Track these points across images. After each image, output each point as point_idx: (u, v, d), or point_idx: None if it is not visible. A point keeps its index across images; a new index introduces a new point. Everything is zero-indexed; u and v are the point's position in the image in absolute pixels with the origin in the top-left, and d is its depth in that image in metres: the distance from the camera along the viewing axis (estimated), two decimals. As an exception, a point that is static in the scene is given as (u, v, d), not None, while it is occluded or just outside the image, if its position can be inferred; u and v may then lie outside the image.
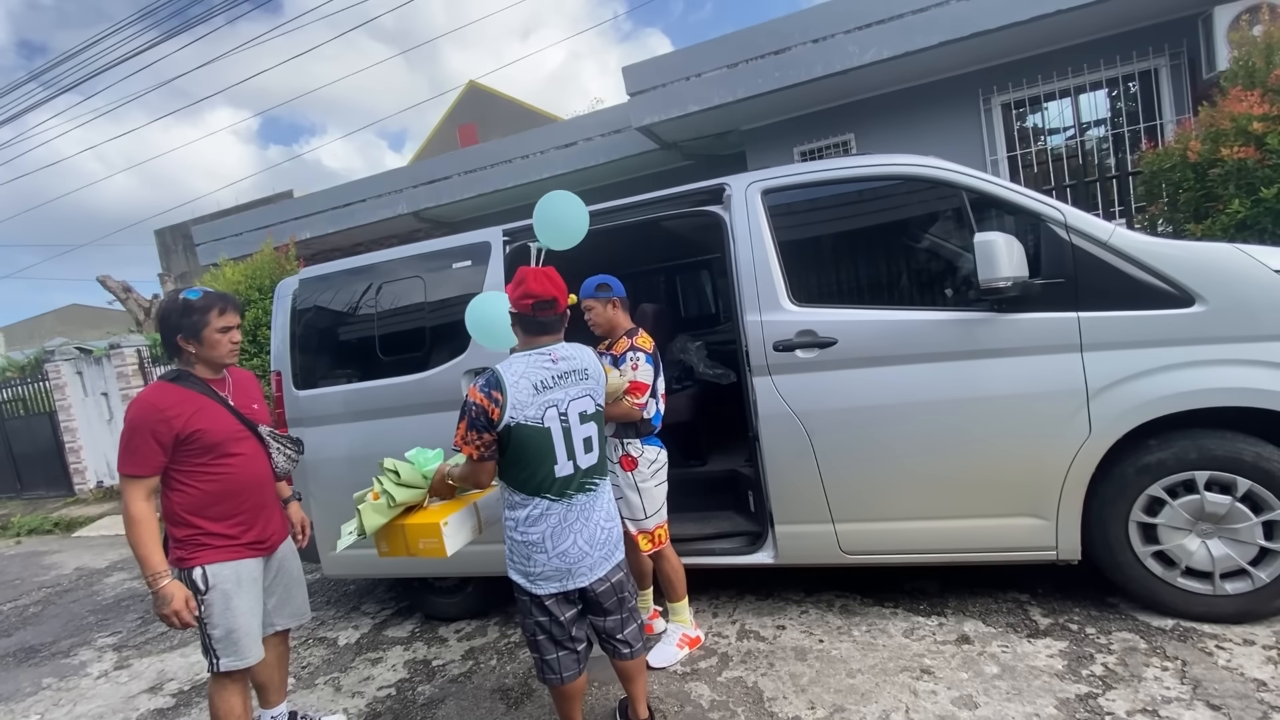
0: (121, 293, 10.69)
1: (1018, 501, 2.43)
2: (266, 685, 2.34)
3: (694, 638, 2.71)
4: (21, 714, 3.07)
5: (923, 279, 2.71)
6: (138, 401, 1.99)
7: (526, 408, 1.81)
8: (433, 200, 7.84)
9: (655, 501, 2.61)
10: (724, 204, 2.83)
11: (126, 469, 1.95)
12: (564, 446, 1.87)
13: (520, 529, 1.87)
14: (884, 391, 2.51)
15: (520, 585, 1.91)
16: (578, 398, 1.92)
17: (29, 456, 9.57)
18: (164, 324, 2.10)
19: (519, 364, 1.87)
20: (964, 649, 2.41)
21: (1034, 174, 5.69)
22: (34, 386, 9.48)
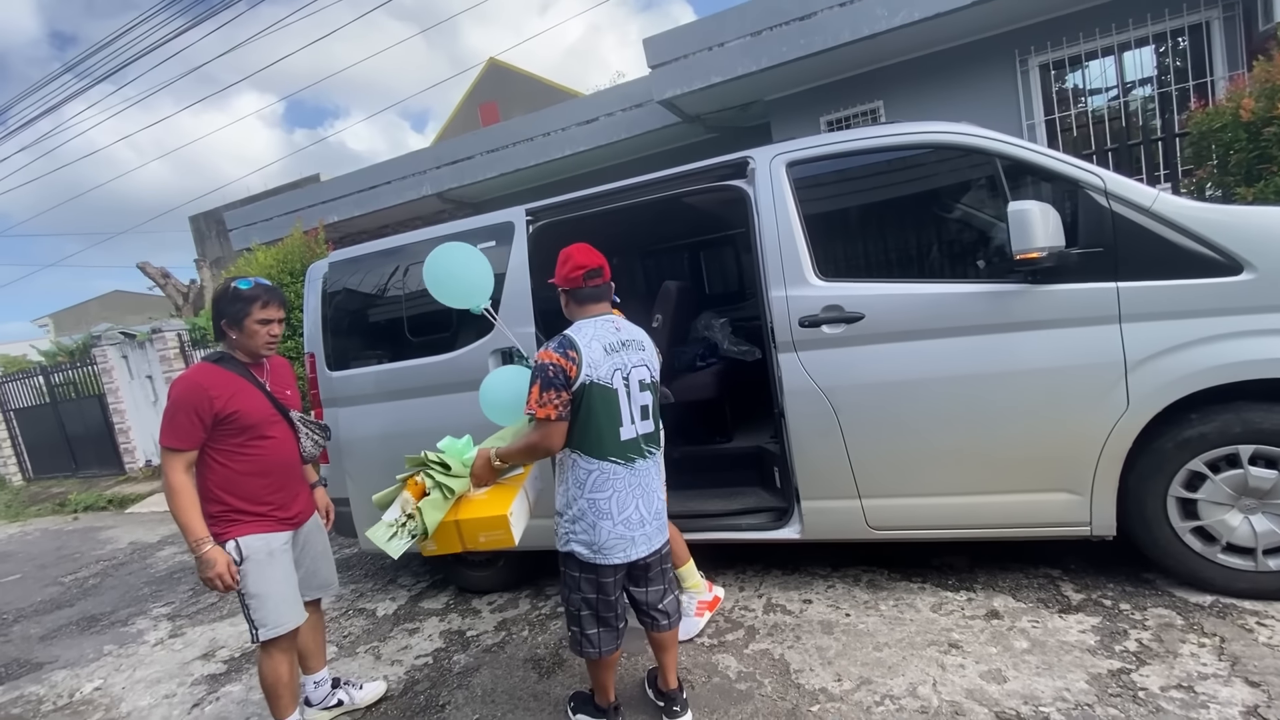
0: (160, 278, 11.03)
1: (1051, 476, 2.39)
2: (305, 653, 2.46)
3: (710, 600, 2.72)
4: (87, 678, 3.27)
5: (954, 251, 2.65)
6: (182, 379, 2.10)
7: (599, 367, 1.89)
8: (456, 181, 7.87)
9: None
10: (748, 178, 2.79)
11: (168, 442, 2.04)
12: (627, 410, 1.95)
13: (588, 494, 1.91)
14: (913, 366, 2.47)
15: (581, 557, 1.93)
16: (637, 365, 2.00)
17: (81, 437, 10.02)
18: (214, 308, 2.23)
19: (587, 328, 1.96)
20: (993, 624, 2.40)
21: (1073, 138, 5.47)
22: (83, 370, 9.89)
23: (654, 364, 2.09)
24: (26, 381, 10.85)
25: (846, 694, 2.13)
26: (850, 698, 2.11)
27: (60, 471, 10.47)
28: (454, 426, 3.11)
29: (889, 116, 5.82)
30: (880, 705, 2.05)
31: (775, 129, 6.23)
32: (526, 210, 3.18)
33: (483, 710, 2.39)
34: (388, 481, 2.35)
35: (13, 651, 3.76)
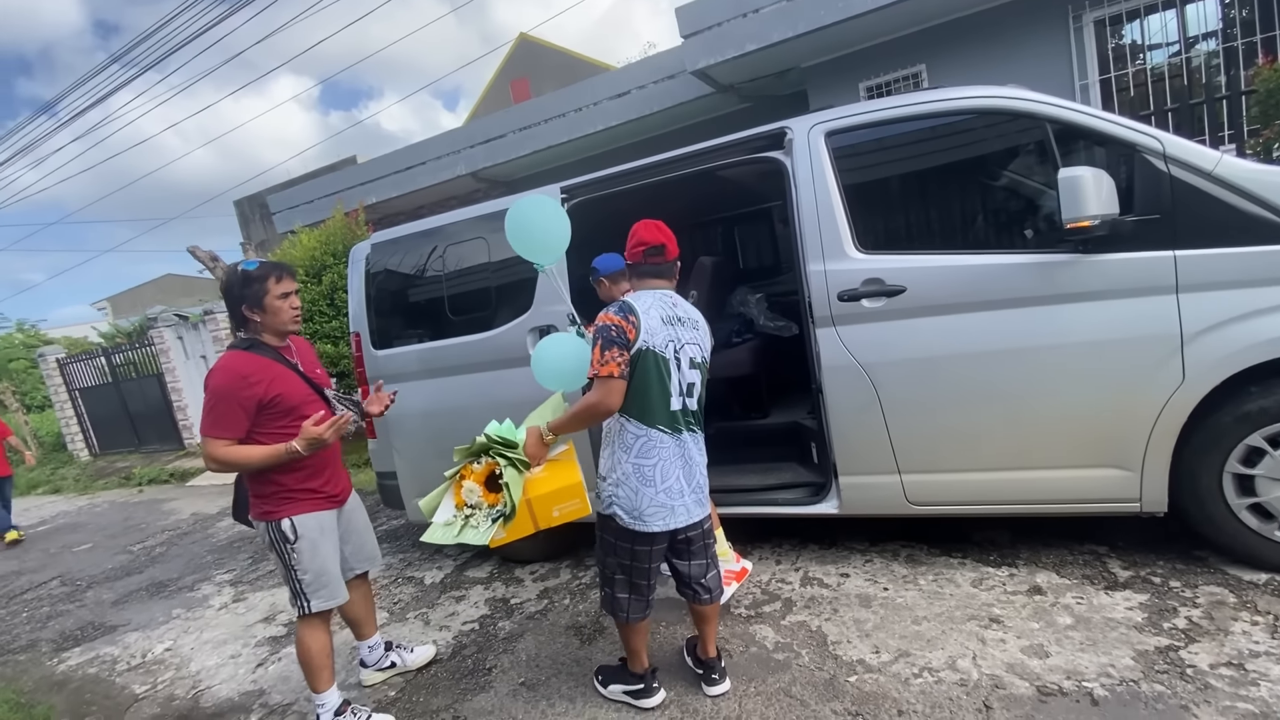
0: (209, 262, 11.40)
1: (1100, 452, 2.33)
2: (358, 621, 2.58)
3: (738, 571, 2.74)
4: (158, 639, 3.50)
5: (1000, 220, 2.57)
6: (220, 370, 2.07)
7: (655, 335, 1.94)
8: (489, 160, 7.91)
9: None
10: (785, 149, 2.74)
11: (213, 432, 2.04)
12: (677, 382, 2.00)
13: (634, 458, 1.96)
14: (957, 340, 2.43)
15: (621, 521, 1.98)
16: (690, 342, 2.04)
17: (142, 414, 10.56)
18: (228, 296, 2.19)
19: (646, 297, 2.01)
20: (1035, 600, 2.37)
21: (1130, 98, 5.19)
22: (141, 351, 10.37)
23: (706, 345, 2.11)
24: (89, 362, 11.43)
25: (884, 666, 2.15)
26: (888, 669, 2.13)
27: (124, 447, 11.06)
28: (493, 403, 3.19)
29: (932, 81, 5.61)
30: (919, 677, 2.07)
31: (812, 96, 6.07)
32: (561, 188, 3.19)
33: (527, 674, 2.48)
34: (433, 457, 2.40)
35: (88, 615, 4.04)
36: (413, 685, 2.57)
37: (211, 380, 2.07)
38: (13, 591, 4.79)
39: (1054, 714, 1.82)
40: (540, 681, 2.42)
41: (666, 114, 6.85)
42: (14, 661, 3.51)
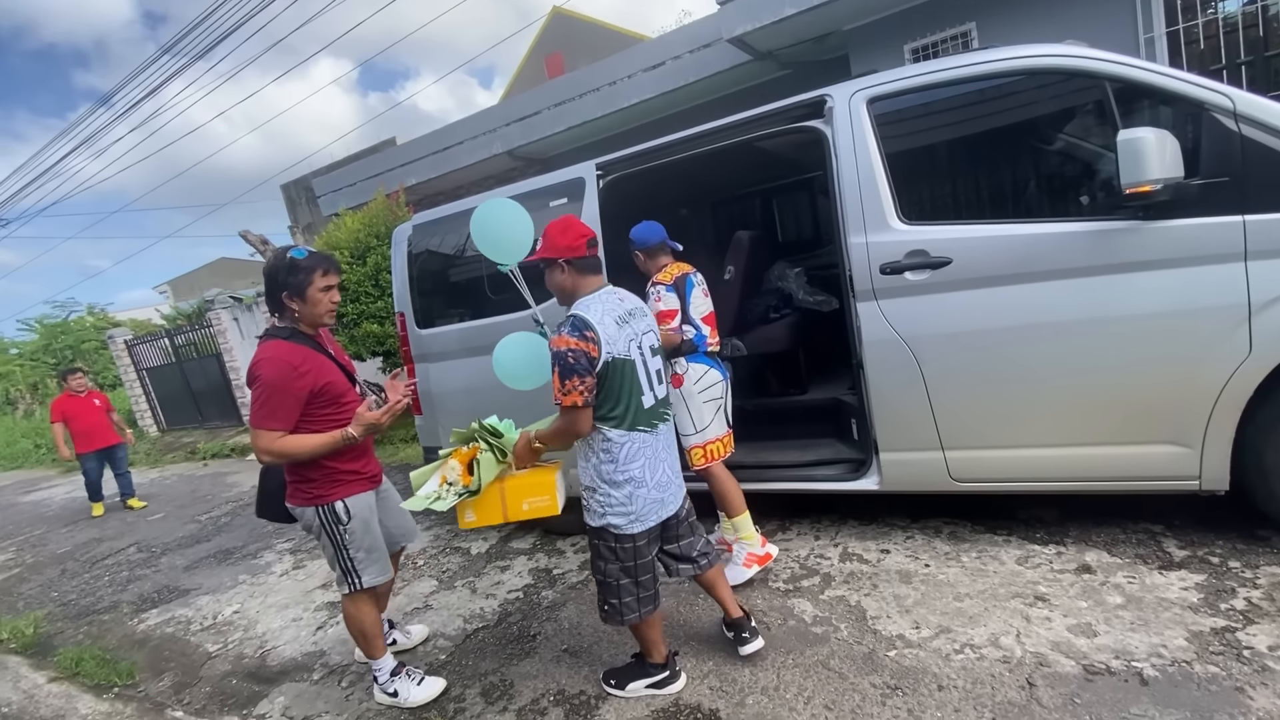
0: (260, 245, 11.81)
1: (1157, 428, 2.24)
2: (378, 596, 2.58)
3: (761, 555, 2.73)
4: (226, 603, 3.73)
5: (1054, 187, 2.46)
6: (269, 360, 2.05)
7: (615, 342, 1.89)
8: (524, 137, 7.92)
9: (703, 416, 2.70)
10: (825, 117, 2.67)
11: (269, 424, 2.02)
12: (646, 377, 1.99)
13: (620, 469, 1.94)
14: (1005, 313, 2.35)
15: (617, 529, 1.98)
16: (646, 332, 2.04)
17: (204, 392, 11.11)
18: (271, 281, 2.14)
19: (595, 305, 1.93)
20: (1084, 578, 2.32)
21: (1200, 52, 4.84)
22: (201, 333, 10.87)
23: (655, 326, 2.15)
24: (154, 344, 12.05)
25: (925, 641, 2.15)
26: (929, 645, 2.12)
27: (188, 423, 11.68)
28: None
29: (982, 40, 5.33)
30: (960, 653, 2.05)
31: (854, 61, 5.86)
32: (597, 165, 3.19)
33: (570, 641, 2.57)
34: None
35: (163, 580, 4.33)
36: (461, 650, 2.68)
37: (262, 371, 2.05)
38: (95, 557, 5.16)
39: (1100, 693, 1.79)
40: (582, 649, 2.50)
41: (703, 84, 6.71)
42: (99, 621, 3.80)
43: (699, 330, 2.73)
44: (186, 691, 2.81)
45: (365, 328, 6.62)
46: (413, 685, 2.38)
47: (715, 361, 2.78)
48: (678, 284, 2.70)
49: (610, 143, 5.85)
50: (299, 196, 12.02)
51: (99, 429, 6.36)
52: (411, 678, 2.40)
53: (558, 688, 2.29)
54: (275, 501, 2.36)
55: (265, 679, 2.78)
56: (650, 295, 2.69)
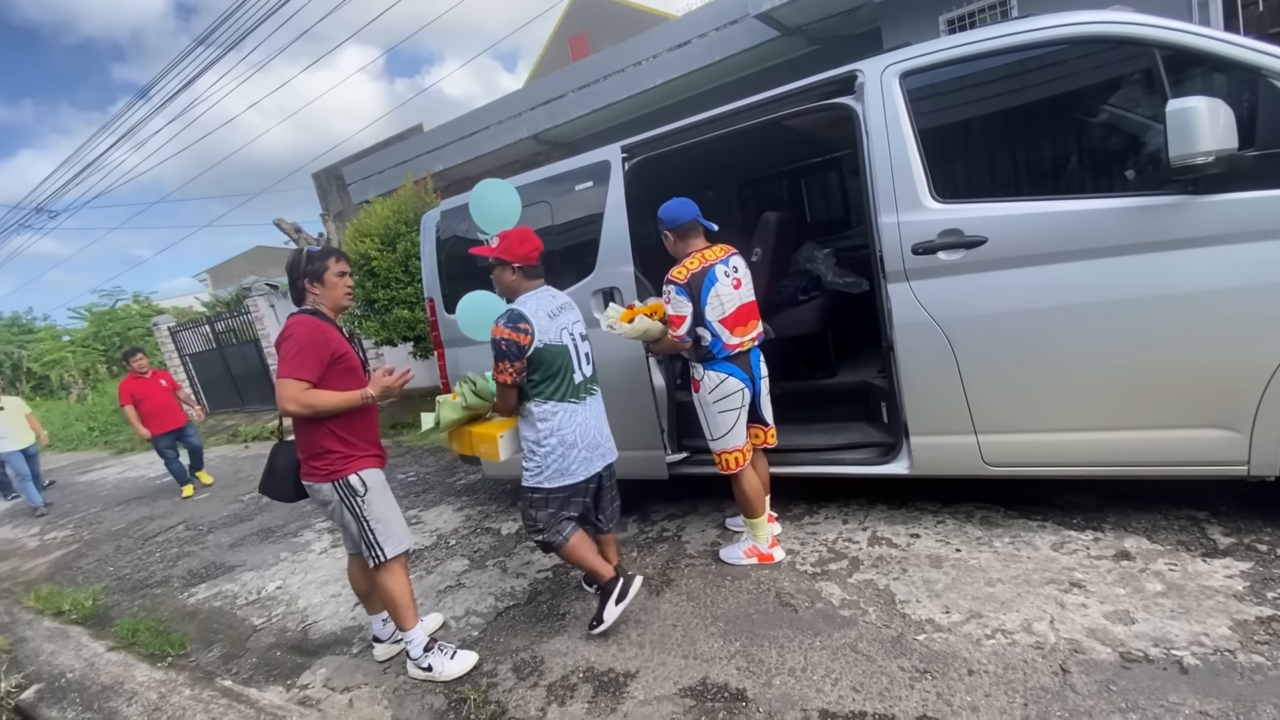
0: (293, 233, 12.06)
1: (1203, 411, 2.16)
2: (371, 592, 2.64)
3: (764, 554, 2.74)
4: (269, 578, 3.88)
5: (1097, 161, 2.36)
6: (301, 323, 2.25)
7: (548, 332, 2.31)
8: (549, 121, 7.89)
9: (720, 425, 2.62)
10: (856, 94, 2.60)
11: (297, 374, 2.17)
12: (575, 359, 2.42)
13: (557, 432, 2.35)
14: (1044, 294, 2.28)
15: (550, 485, 2.38)
16: (575, 322, 2.48)
17: (244, 376, 11.47)
18: (292, 272, 2.37)
19: (531, 301, 2.36)
20: (1122, 565, 2.26)
21: (1257, 14, 4.57)
22: (240, 319, 11.19)
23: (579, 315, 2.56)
24: (195, 330, 12.46)
25: (955, 626, 2.13)
26: (959, 629, 2.10)
27: (230, 406, 12.09)
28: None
29: (1023, 9, 5.11)
30: (991, 639, 2.03)
31: (886, 34, 5.67)
32: (622, 147, 3.16)
33: (599, 621, 2.61)
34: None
35: (210, 556, 4.52)
36: (493, 627, 2.75)
37: (294, 330, 2.23)
38: (147, 534, 5.41)
39: (1137, 680, 1.76)
40: (610, 628, 2.53)
41: (729, 62, 6.58)
42: (151, 595, 3.99)
43: (715, 336, 2.53)
44: (234, 662, 2.94)
45: (396, 313, 6.73)
46: (446, 660, 2.45)
47: (737, 367, 2.58)
48: (692, 283, 2.49)
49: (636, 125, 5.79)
50: (330, 184, 12.22)
51: (167, 410, 6.35)
52: (444, 652, 2.47)
53: (587, 665, 2.34)
54: (282, 479, 2.44)
55: (307, 651, 2.89)
56: (663, 293, 2.57)
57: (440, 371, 3.85)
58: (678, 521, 3.40)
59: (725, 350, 2.56)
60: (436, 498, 4.78)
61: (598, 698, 2.15)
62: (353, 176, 10.32)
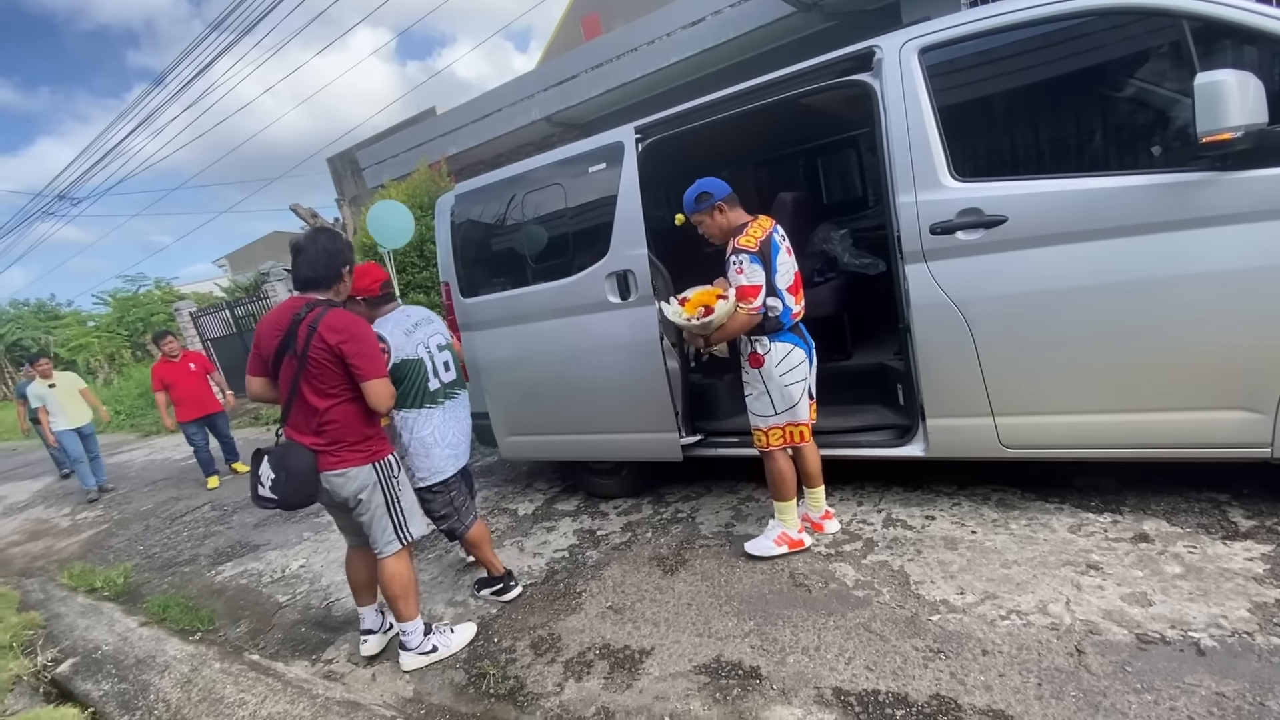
0: (310, 218, 12.14)
1: (1227, 393, 2.13)
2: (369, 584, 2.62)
3: (795, 540, 2.65)
4: (293, 557, 3.97)
5: (1122, 137, 2.31)
6: (359, 320, 2.25)
7: (404, 348, 2.58)
8: (563, 102, 7.83)
9: (788, 397, 2.51)
10: (873, 70, 2.56)
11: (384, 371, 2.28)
12: (431, 369, 2.66)
13: (415, 436, 2.61)
14: (1064, 273, 2.25)
15: (430, 482, 2.63)
16: (433, 334, 2.73)
17: (264, 361, 11.63)
18: (338, 256, 2.28)
19: (387, 323, 2.63)
20: (1141, 547, 2.25)
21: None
22: (259, 304, 11.34)
23: (444, 329, 2.83)
24: (216, 315, 12.64)
25: (969, 606, 2.13)
26: (973, 610, 2.11)
27: (251, 390, 12.28)
28: (574, 349, 3.30)
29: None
30: (1005, 619, 2.04)
31: (905, 9, 5.54)
32: (635, 128, 3.14)
33: (614, 599, 2.65)
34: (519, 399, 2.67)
35: (235, 536, 4.63)
36: (511, 605, 2.80)
37: (360, 328, 2.23)
38: (174, 515, 5.55)
39: (1153, 662, 1.76)
40: (626, 606, 2.58)
41: (744, 40, 6.47)
42: (180, 573, 4.11)
43: (785, 304, 2.48)
44: (261, 637, 3.03)
45: (412, 298, 6.78)
46: (449, 636, 2.53)
47: (798, 336, 2.56)
48: (763, 250, 2.40)
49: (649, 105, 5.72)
50: (344, 169, 12.26)
51: (198, 395, 6.10)
52: (441, 631, 2.54)
53: (603, 642, 2.38)
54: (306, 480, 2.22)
55: (331, 628, 2.97)
56: (730, 265, 2.42)
57: (456, 355, 3.88)
58: (692, 503, 3.43)
59: (792, 319, 2.53)
60: (454, 479, 4.85)
61: (614, 674, 2.19)
62: (367, 161, 10.34)
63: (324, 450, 2.26)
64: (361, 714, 2.19)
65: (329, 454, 2.26)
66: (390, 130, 11.03)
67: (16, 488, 8.52)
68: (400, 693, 2.37)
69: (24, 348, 24.03)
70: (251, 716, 2.31)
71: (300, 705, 2.31)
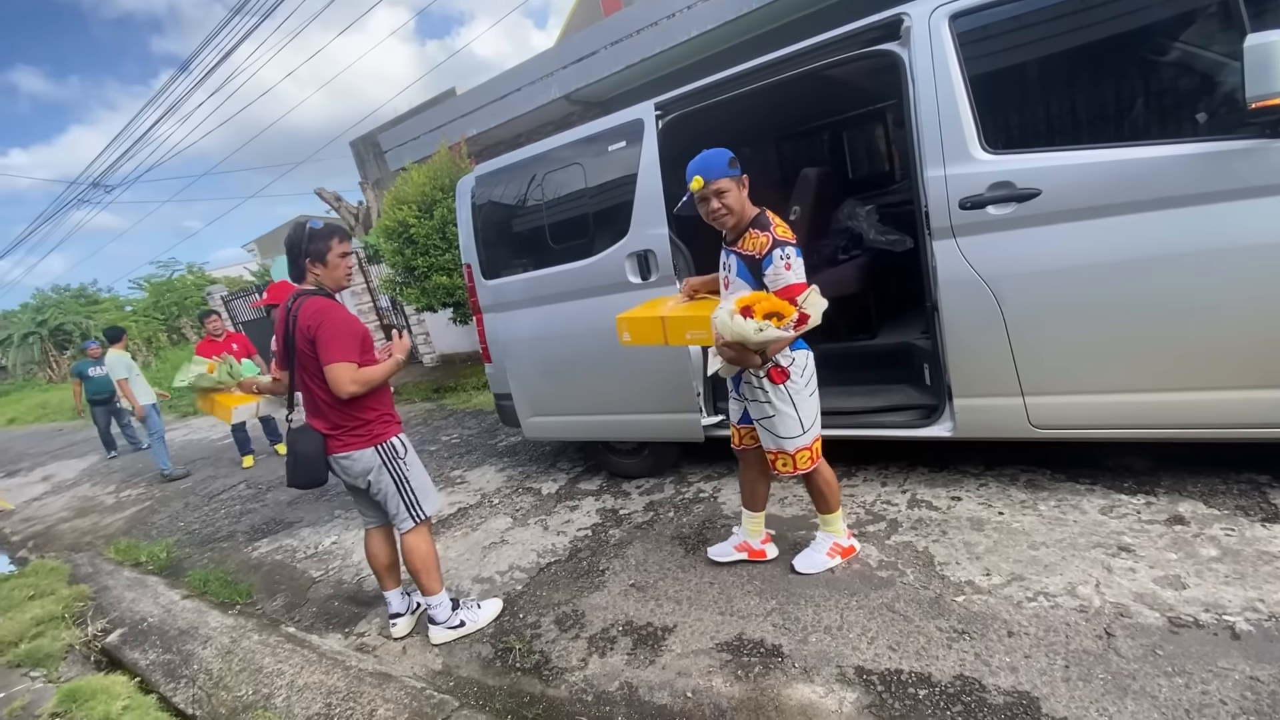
0: (334, 202, 12.30)
1: (1272, 371, 2.05)
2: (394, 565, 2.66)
3: (847, 547, 2.44)
4: (326, 534, 4.09)
5: (1164, 104, 2.20)
6: (330, 306, 2.29)
7: None
8: (582, 80, 7.74)
9: (812, 410, 2.24)
10: (901, 39, 2.47)
11: (350, 357, 2.24)
12: None
13: None
14: (1101, 248, 2.17)
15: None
16: None
17: (293, 343, 11.86)
18: (293, 249, 2.32)
19: None
20: (1175, 530, 2.20)
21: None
22: (287, 287, 11.54)
23: None
24: (246, 299, 12.91)
25: (995, 588, 2.11)
26: (999, 592, 2.09)
27: (282, 372, 12.56)
28: (595, 329, 3.29)
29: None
30: (1033, 601, 2.01)
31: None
32: (655, 105, 3.09)
33: (637, 577, 2.68)
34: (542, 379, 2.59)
35: (270, 513, 4.78)
36: (536, 581, 2.85)
37: (330, 314, 2.26)
38: (212, 493, 5.74)
39: (1185, 645, 1.72)
40: (649, 584, 2.60)
41: (765, 11, 6.31)
42: (219, 548, 4.26)
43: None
44: (296, 610, 3.14)
45: (435, 280, 6.83)
46: (475, 611, 2.58)
47: (803, 340, 2.26)
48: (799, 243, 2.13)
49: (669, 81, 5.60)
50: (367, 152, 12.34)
51: None
52: (468, 606, 2.60)
53: (626, 619, 2.41)
54: (314, 464, 2.36)
55: (363, 602, 3.06)
56: (774, 259, 2.04)
57: (479, 336, 3.91)
58: (714, 483, 3.44)
59: None
60: (479, 459, 4.92)
61: (637, 650, 2.23)
62: (389, 143, 10.38)
63: (330, 434, 2.38)
64: (393, 685, 2.26)
65: (334, 438, 2.38)
66: (411, 112, 11.05)
67: (64, 466, 8.88)
68: (430, 665, 2.43)
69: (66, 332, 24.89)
70: (289, 686, 2.39)
71: (335, 676, 2.39)
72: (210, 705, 2.42)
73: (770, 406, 2.21)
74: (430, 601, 2.54)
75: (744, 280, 2.16)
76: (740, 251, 2.17)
